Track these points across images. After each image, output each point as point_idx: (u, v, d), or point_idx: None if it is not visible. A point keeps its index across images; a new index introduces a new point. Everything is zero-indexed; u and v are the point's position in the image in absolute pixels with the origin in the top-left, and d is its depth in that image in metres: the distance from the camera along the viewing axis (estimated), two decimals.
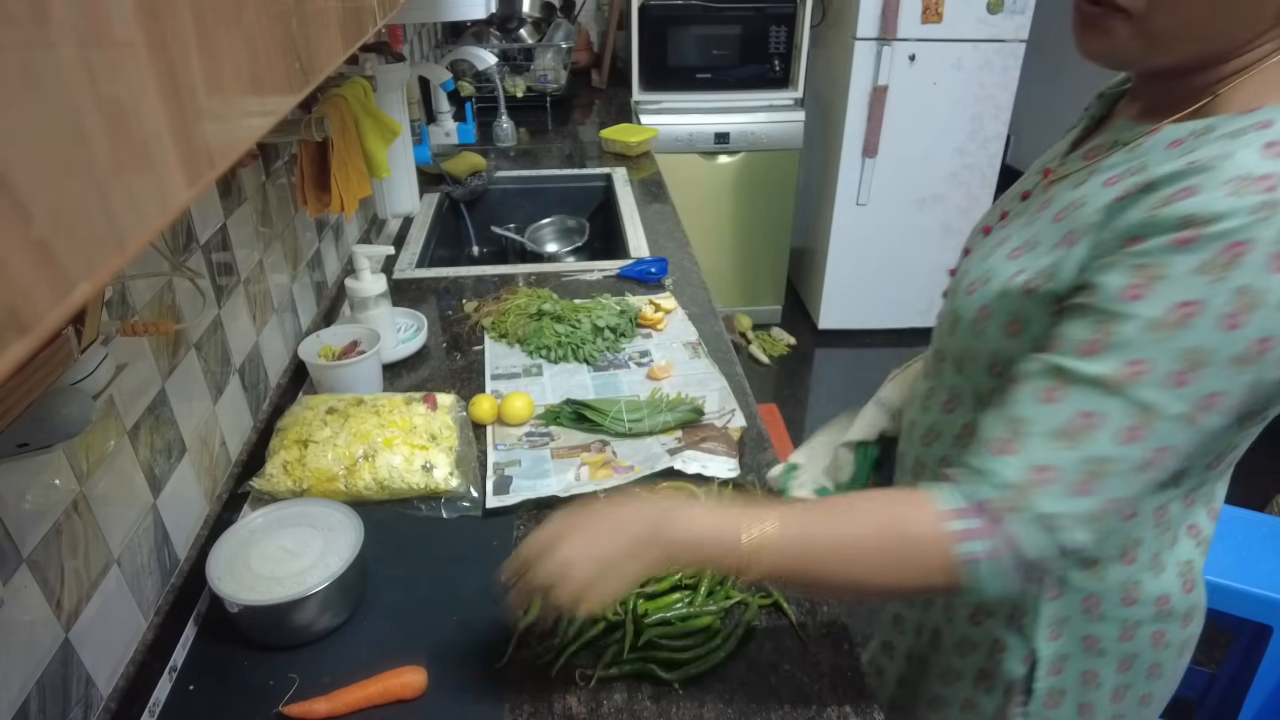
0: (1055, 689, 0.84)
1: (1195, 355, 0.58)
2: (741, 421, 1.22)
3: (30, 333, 0.21)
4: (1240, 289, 0.56)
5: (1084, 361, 0.62)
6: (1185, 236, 0.58)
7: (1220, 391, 0.59)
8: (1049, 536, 0.62)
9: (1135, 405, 0.60)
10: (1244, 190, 0.56)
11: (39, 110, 0.21)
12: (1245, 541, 1.48)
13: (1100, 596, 0.79)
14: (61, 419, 0.68)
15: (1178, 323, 0.58)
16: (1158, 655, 0.83)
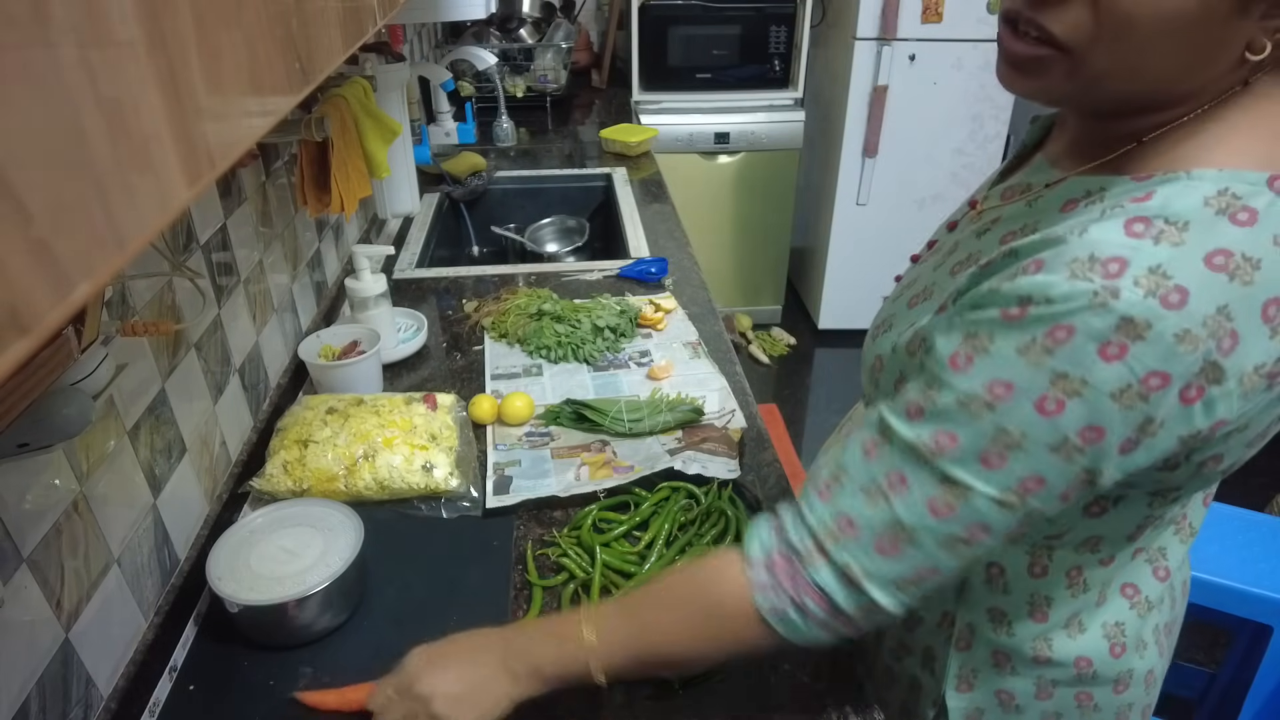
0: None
1: (1005, 438, 0.56)
2: (742, 422, 1.22)
3: (30, 333, 0.21)
4: (1059, 375, 0.53)
5: (906, 424, 0.60)
6: (1014, 313, 0.55)
7: (1039, 476, 0.56)
8: (850, 590, 0.61)
9: (942, 479, 0.58)
10: (1084, 273, 0.52)
11: (39, 110, 0.21)
12: (1245, 541, 1.48)
13: (1009, 652, 0.76)
14: (61, 419, 0.68)
15: (990, 403, 0.56)
16: (1085, 718, 0.78)
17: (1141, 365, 0.52)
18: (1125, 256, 0.52)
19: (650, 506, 1.03)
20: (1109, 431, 0.54)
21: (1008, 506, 0.57)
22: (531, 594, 0.94)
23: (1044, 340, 0.53)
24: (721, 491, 1.05)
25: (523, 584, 0.96)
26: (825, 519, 0.62)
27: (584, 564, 0.95)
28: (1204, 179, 0.54)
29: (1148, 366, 0.52)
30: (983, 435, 0.56)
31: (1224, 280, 0.51)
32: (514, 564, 0.98)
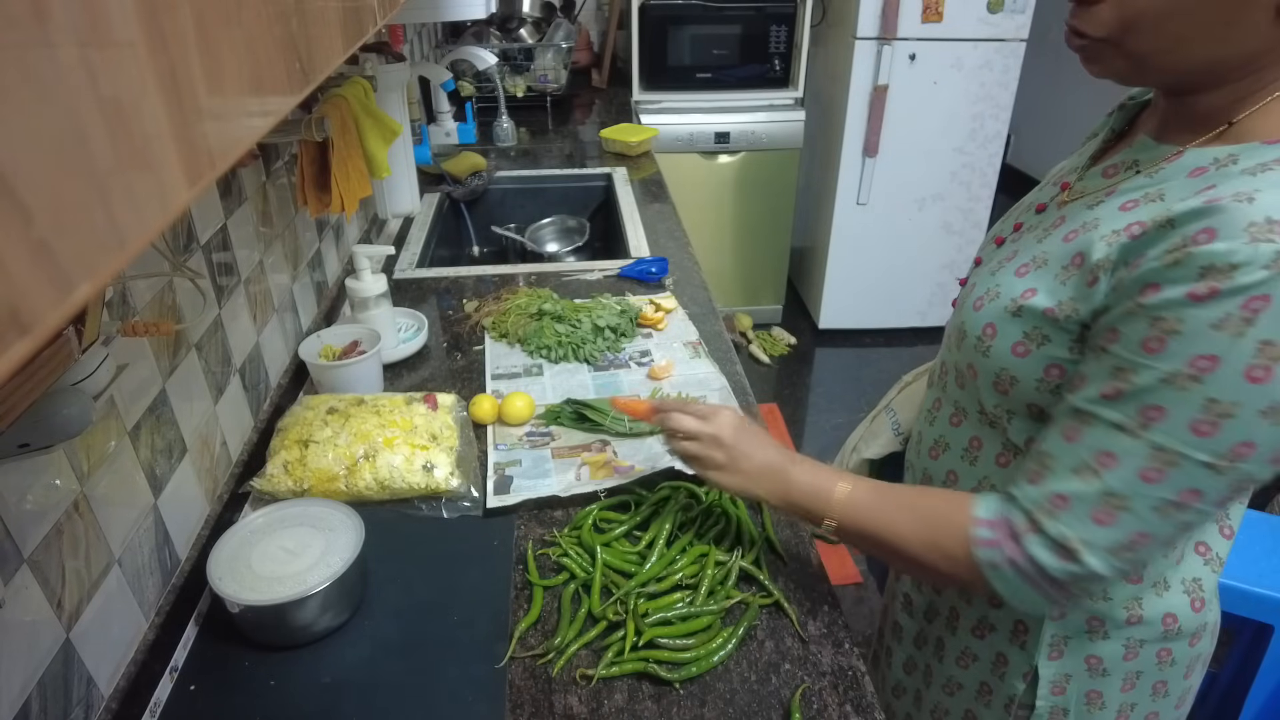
0: (1057, 708, 0.84)
1: (1217, 407, 0.58)
2: None
3: (31, 333, 0.21)
4: (1264, 343, 0.56)
5: (1104, 406, 0.64)
6: (1202, 291, 0.57)
7: (1250, 442, 0.59)
8: (1065, 558, 0.66)
9: (1153, 448, 0.61)
10: (1265, 236, 0.55)
11: (39, 110, 0.21)
12: (1245, 541, 1.48)
13: (1104, 616, 0.79)
14: (62, 419, 0.68)
15: (1195, 376, 0.59)
16: (1163, 673, 0.82)
17: None
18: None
19: (651, 506, 1.03)
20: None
21: (1218, 471, 0.61)
22: (532, 594, 0.94)
23: (1241, 312, 0.56)
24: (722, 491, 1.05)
25: (523, 584, 0.96)
26: (1038, 499, 0.67)
27: (584, 564, 0.95)
28: None
29: None
30: (1192, 406, 0.59)
31: None
32: (514, 564, 0.98)
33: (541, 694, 0.83)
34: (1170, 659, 0.81)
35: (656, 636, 0.85)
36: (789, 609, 0.91)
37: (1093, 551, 0.65)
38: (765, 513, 1.05)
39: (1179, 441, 0.60)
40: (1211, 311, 0.57)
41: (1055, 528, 0.66)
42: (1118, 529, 0.64)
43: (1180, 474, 0.61)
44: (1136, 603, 0.78)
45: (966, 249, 3.26)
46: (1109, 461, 0.64)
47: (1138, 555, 0.66)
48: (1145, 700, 0.84)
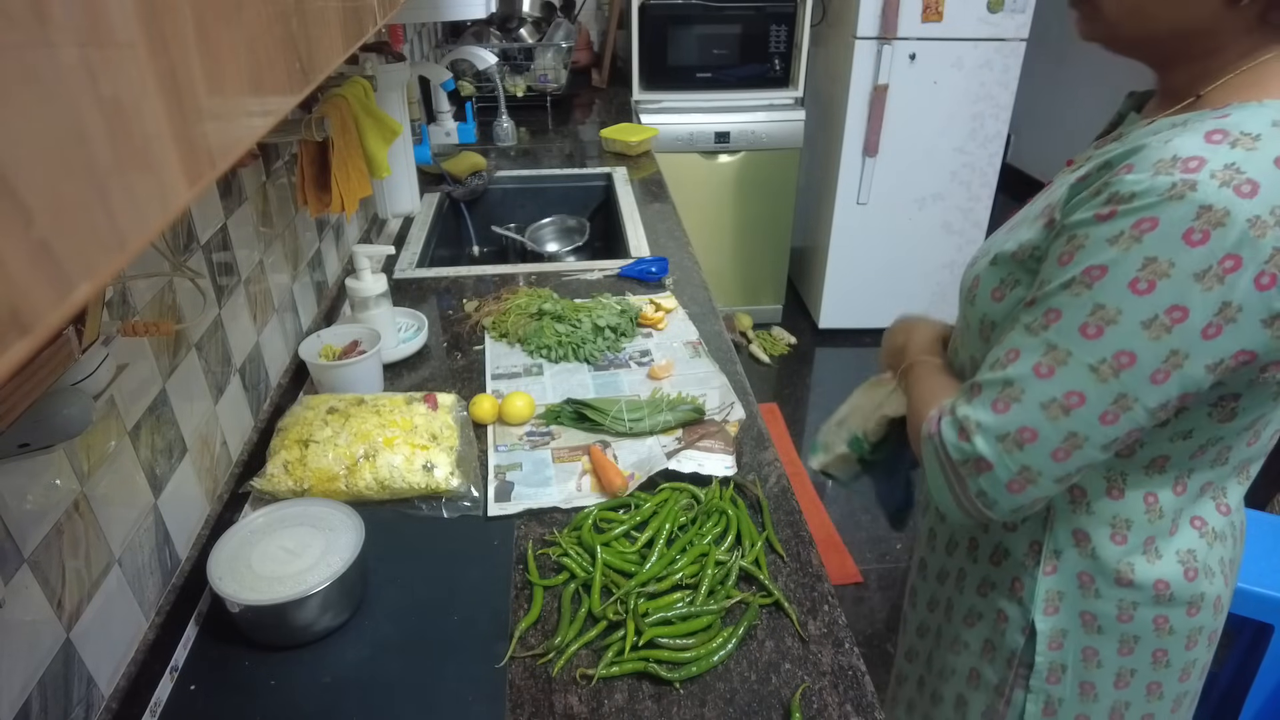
0: (1056, 664, 0.87)
1: (1103, 313, 0.65)
2: (741, 414, 1.23)
3: (31, 333, 0.21)
4: (1148, 259, 0.63)
5: (1023, 312, 0.72)
6: (1105, 212, 0.65)
7: (1130, 352, 0.65)
8: (961, 438, 0.73)
9: (1048, 346, 0.69)
10: (1165, 170, 0.62)
11: (39, 110, 0.21)
12: (1246, 540, 1.48)
13: (1093, 573, 0.83)
14: (62, 419, 0.68)
15: (1088, 283, 0.66)
16: (1162, 641, 0.84)
17: (1220, 248, 0.61)
18: (1204, 156, 0.61)
19: (651, 506, 1.03)
20: (1192, 311, 0.63)
21: (1101, 377, 0.67)
22: (532, 593, 0.94)
23: (1131, 230, 0.63)
24: (722, 491, 1.05)
25: (523, 583, 0.96)
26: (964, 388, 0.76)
27: (584, 563, 0.95)
28: (1273, 106, 0.64)
29: (1224, 249, 0.61)
30: (1082, 309, 0.67)
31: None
32: (515, 563, 0.98)
33: (542, 694, 0.83)
34: (1168, 627, 0.84)
35: (657, 636, 0.85)
36: (789, 609, 0.91)
37: (983, 433, 0.72)
38: (766, 513, 1.05)
39: (1069, 340, 0.68)
40: (1109, 228, 0.65)
41: (962, 410, 0.74)
42: (1008, 417, 0.71)
43: (1067, 373, 0.68)
44: (1128, 565, 0.82)
45: (966, 249, 3.26)
46: (1014, 356, 0.71)
47: (1024, 455, 0.71)
48: (1145, 668, 0.86)
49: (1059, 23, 4.47)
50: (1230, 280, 0.61)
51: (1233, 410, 0.73)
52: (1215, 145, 0.62)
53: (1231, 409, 0.73)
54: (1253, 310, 0.62)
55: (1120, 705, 0.88)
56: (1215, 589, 0.84)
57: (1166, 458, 0.77)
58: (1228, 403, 0.72)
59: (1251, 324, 0.63)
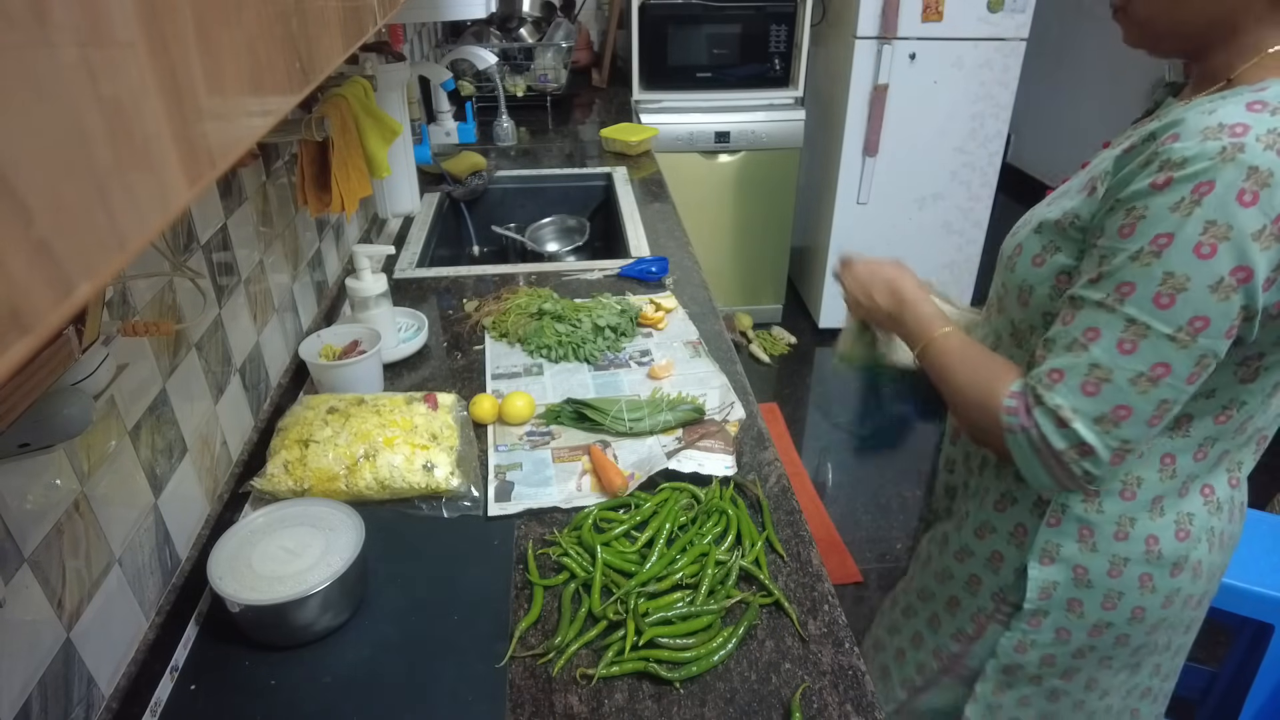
0: (1040, 610, 0.93)
1: (1173, 280, 0.68)
2: (741, 413, 1.23)
3: (31, 333, 0.21)
4: (1208, 223, 0.66)
5: (1091, 289, 0.74)
6: (1160, 180, 0.68)
7: (1204, 316, 0.69)
8: (1061, 428, 0.74)
9: (1126, 321, 0.71)
10: (1213, 136, 0.66)
11: (39, 110, 0.21)
12: (1246, 540, 1.48)
13: (1095, 528, 0.88)
14: (62, 419, 0.68)
15: (1156, 252, 0.69)
16: (1143, 599, 0.89)
17: (1272, 208, 0.65)
18: (1248, 122, 0.65)
19: (651, 506, 1.03)
20: (1257, 270, 0.67)
21: (1180, 344, 0.70)
22: (533, 593, 0.94)
23: (1191, 195, 0.66)
24: (723, 491, 1.05)
25: (524, 583, 0.96)
26: (1040, 375, 0.77)
27: (585, 563, 0.95)
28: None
29: (1276, 209, 0.65)
30: (1153, 279, 0.69)
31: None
32: (515, 563, 0.98)
33: (542, 693, 0.83)
34: (1151, 585, 0.89)
35: (657, 636, 0.85)
36: (789, 608, 0.91)
37: (1082, 420, 0.73)
38: (766, 512, 1.05)
39: (1146, 314, 0.70)
40: (1168, 197, 0.68)
41: (1052, 399, 0.75)
42: (1101, 400, 0.73)
43: (1150, 346, 0.71)
44: (1129, 520, 0.86)
45: (966, 248, 3.26)
46: (1093, 335, 0.73)
47: (1122, 430, 0.73)
48: (1122, 622, 0.91)
49: (1059, 23, 4.47)
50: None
51: (1256, 369, 0.77)
52: (1257, 113, 0.66)
53: (1255, 368, 0.76)
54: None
55: (1086, 648, 0.94)
56: (1199, 554, 0.88)
57: (1189, 417, 0.81)
58: (1252, 361, 0.76)
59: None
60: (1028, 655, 0.96)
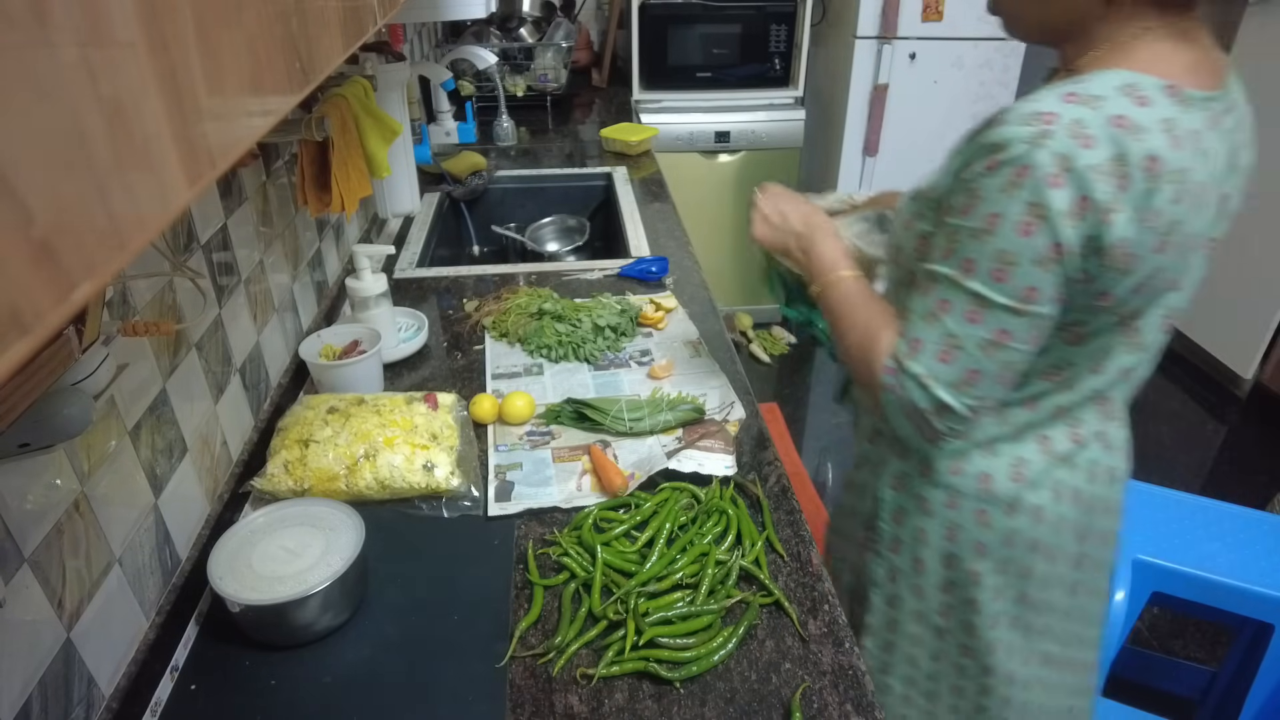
0: (895, 537, 1.02)
1: (1005, 256, 0.75)
2: (741, 413, 1.23)
3: (31, 333, 0.21)
4: (1028, 203, 0.73)
5: (941, 264, 0.81)
6: (993, 163, 0.75)
7: (1033, 286, 0.76)
8: (923, 392, 0.82)
9: (970, 294, 0.78)
10: (1028, 122, 0.72)
11: (40, 110, 0.21)
12: (1246, 540, 1.48)
13: (933, 461, 0.96)
14: (63, 419, 0.68)
15: (990, 230, 0.75)
16: (982, 535, 0.96)
17: (1075, 190, 0.71)
18: (1057, 112, 0.72)
19: (651, 506, 1.03)
20: (1067, 245, 0.73)
21: (1018, 312, 0.77)
22: (533, 593, 0.94)
23: (1013, 177, 0.73)
24: (723, 490, 1.05)
25: (524, 583, 0.96)
26: (903, 344, 0.84)
27: (585, 563, 0.95)
28: (1119, 75, 0.74)
29: (1079, 190, 0.71)
30: (990, 256, 0.76)
31: (1120, 134, 0.71)
32: (515, 563, 0.98)
33: (542, 693, 0.83)
34: (988, 522, 0.95)
35: (657, 636, 0.85)
36: (789, 608, 0.91)
37: (940, 385, 0.81)
38: (766, 512, 1.05)
39: (986, 287, 0.77)
40: (997, 179, 0.74)
41: (914, 367, 0.82)
42: (955, 366, 0.80)
43: (992, 316, 0.78)
44: (962, 456, 0.94)
45: None
46: (946, 307, 0.80)
47: (977, 389, 0.81)
48: (968, 554, 0.97)
49: None
50: (1088, 217, 0.72)
51: (1081, 335, 0.83)
52: (1069, 104, 0.72)
53: (1079, 333, 0.83)
54: (1096, 241, 0.73)
55: (948, 583, 1.00)
56: (1039, 500, 0.93)
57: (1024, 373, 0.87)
58: (1074, 328, 0.82)
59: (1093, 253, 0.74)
60: (897, 586, 1.04)
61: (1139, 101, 0.72)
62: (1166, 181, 0.72)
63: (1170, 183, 0.72)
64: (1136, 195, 0.72)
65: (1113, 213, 0.72)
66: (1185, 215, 0.74)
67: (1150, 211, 0.73)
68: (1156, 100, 0.73)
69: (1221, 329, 3.09)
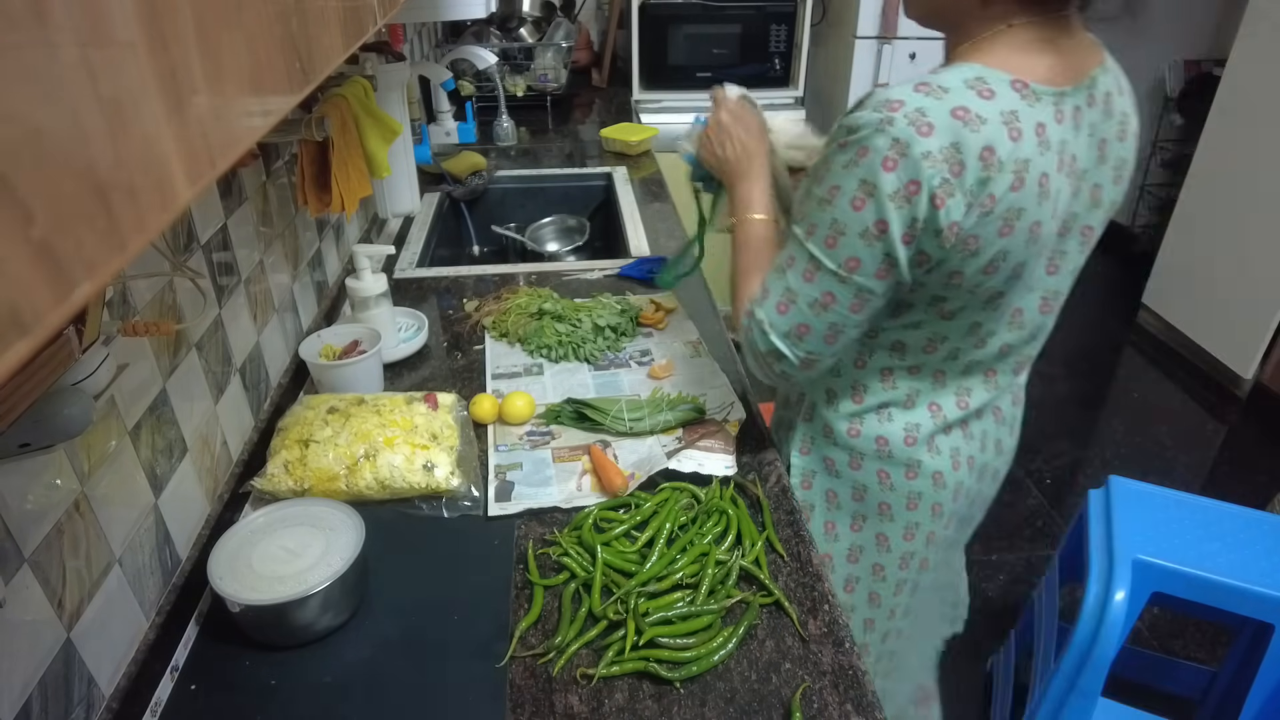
0: (807, 502, 1.09)
1: (838, 225, 0.82)
2: (741, 413, 1.23)
3: (31, 333, 0.21)
4: (862, 180, 0.79)
5: (796, 224, 0.88)
6: (840, 141, 0.81)
7: (856, 258, 0.83)
8: (763, 336, 0.91)
9: (809, 256, 0.86)
10: (879, 109, 0.78)
11: (40, 110, 0.21)
12: (1246, 540, 1.48)
13: (832, 425, 1.04)
14: (63, 419, 0.68)
15: (829, 200, 0.82)
16: (885, 496, 1.04)
17: (905, 175, 0.77)
18: (903, 100, 0.77)
19: (651, 506, 1.03)
20: (891, 224, 0.79)
21: (842, 279, 0.85)
22: (533, 593, 0.94)
23: (854, 157, 0.80)
24: (723, 490, 1.05)
25: (524, 583, 0.96)
26: (757, 291, 0.93)
27: (585, 563, 0.95)
28: (972, 69, 0.79)
29: (909, 175, 0.77)
30: (826, 223, 0.84)
31: (959, 127, 0.75)
32: (515, 563, 0.98)
33: (542, 693, 0.83)
34: (890, 483, 1.03)
35: (657, 636, 0.85)
36: (789, 608, 0.91)
37: (776, 332, 0.90)
38: (766, 512, 1.05)
39: (820, 251, 0.85)
40: (844, 155, 0.80)
41: (758, 312, 0.91)
42: (789, 318, 0.89)
43: (822, 278, 0.85)
44: (858, 419, 1.02)
45: None
46: (790, 263, 0.88)
47: (805, 344, 0.90)
48: (874, 517, 1.06)
49: None
50: (915, 200, 0.77)
51: (948, 310, 0.90)
52: (917, 93, 0.77)
53: (945, 309, 0.90)
54: (930, 224, 0.78)
55: (855, 548, 1.08)
56: (936, 464, 1.01)
57: (904, 344, 0.96)
58: (939, 303, 0.89)
59: (929, 237, 0.80)
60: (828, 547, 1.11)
61: (984, 94, 0.77)
62: (1004, 171, 0.76)
63: (1009, 172, 0.76)
64: (971, 183, 0.76)
65: (945, 198, 0.77)
66: (1028, 203, 0.79)
67: (986, 198, 0.77)
68: (1001, 94, 0.77)
69: (1221, 329, 3.09)
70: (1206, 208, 3.14)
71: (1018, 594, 2.24)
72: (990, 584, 2.28)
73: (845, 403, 1.02)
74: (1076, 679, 1.44)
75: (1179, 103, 3.75)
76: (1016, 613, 2.06)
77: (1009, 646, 1.91)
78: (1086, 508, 1.59)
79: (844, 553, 1.08)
